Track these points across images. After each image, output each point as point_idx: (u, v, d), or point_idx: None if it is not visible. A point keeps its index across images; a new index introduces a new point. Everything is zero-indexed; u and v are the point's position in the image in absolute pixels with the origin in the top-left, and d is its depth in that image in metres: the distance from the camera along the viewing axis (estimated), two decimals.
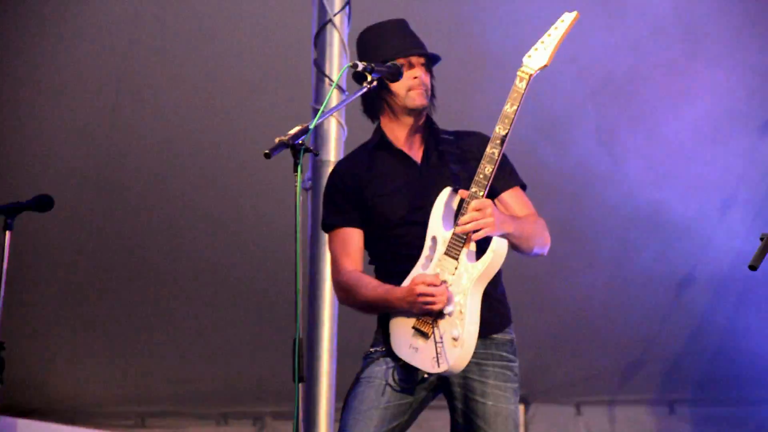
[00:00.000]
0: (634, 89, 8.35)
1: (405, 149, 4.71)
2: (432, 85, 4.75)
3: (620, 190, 8.50)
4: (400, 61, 4.62)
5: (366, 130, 4.96)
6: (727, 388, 9.05)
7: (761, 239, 4.01)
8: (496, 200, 4.59)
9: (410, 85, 4.65)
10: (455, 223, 4.40)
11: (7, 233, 5.72)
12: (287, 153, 4.21)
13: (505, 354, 4.58)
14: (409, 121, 4.72)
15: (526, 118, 4.55)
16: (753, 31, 8.16)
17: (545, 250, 4.64)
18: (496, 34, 7.91)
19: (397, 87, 4.65)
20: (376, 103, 4.75)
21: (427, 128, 4.75)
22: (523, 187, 4.75)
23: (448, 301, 4.37)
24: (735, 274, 8.58)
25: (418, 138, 4.74)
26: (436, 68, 4.79)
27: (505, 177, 4.66)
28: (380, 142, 4.74)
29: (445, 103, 4.86)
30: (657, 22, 8.15)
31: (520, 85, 4.40)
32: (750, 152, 8.39)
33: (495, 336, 4.57)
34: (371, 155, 4.75)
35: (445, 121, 4.83)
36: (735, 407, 9.05)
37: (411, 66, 4.66)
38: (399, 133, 4.73)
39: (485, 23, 8.03)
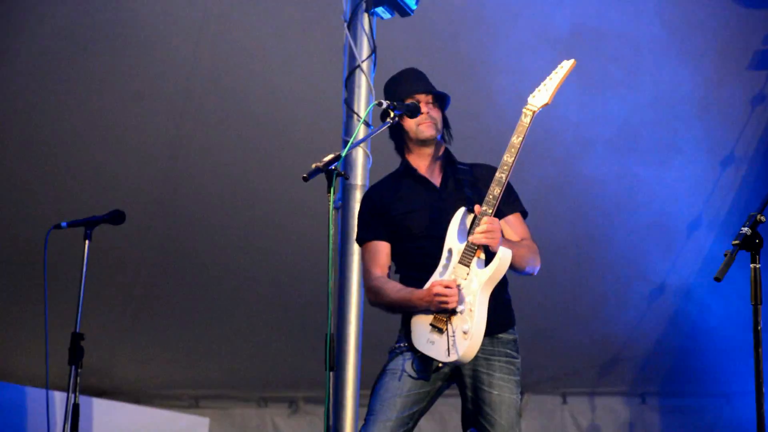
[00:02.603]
0: (640, 144, 8.38)
1: (426, 176, 4.73)
2: (445, 119, 4.79)
3: (608, 215, 8.49)
4: (411, 100, 4.65)
5: (387, 159, 4.96)
6: (691, 382, 9.03)
7: (725, 255, 3.95)
8: (502, 221, 4.57)
9: (419, 120, 4.68)
10: (468, 237, 4.40)
11: (86, 242, 5.73)
12: (321, 179, 4.20)
13: (509, 351, 4.57)
14: (426, 151, 4.75)
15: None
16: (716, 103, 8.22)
17: (536, 271, 4.63)
18: (501, 76, 7.91)
19: (410, 123, 4.69)
20: (400, 140, 4.77)
21: (445, 159, 4.76)
22: (524, 214, 4.76)
23: (460, 300, 4.37)
24: (700, 282, 8.54)
25: (437, 167, 4.76)
26: (452, 108, 4.80)
27: (511, 203, 4.68)
28: (405, 170, 4.76)
29: (459, 136, 4.84)
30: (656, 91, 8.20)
31: (525, 120, 4.42)
32: (712, 186, 8.38)
33: (501, 335, 4.56)
34: (397, 181, 4.77)
35: (458, 150, 4.80)
36: (697, 398, 9.02)
37: (420, 104, 4.67)
38: (420, 162, 4.75)
39: (491, 66, 8.02)
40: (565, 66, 4.49)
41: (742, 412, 8.54)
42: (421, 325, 4.47)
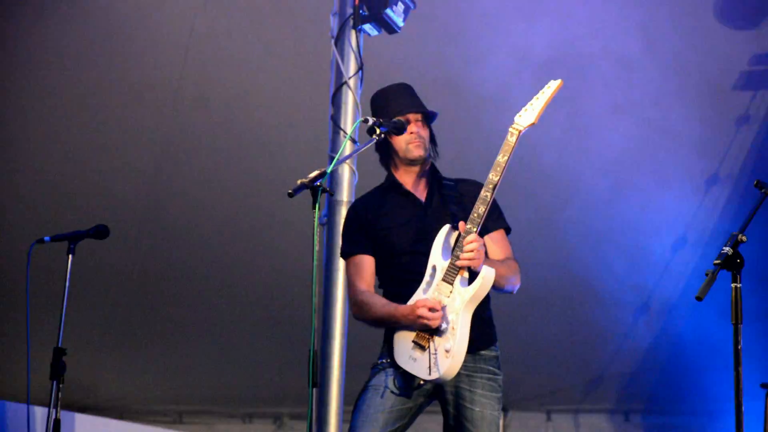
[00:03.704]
0: (627, 164, 8.40)
1: (412, 191, 4.71)
2: (432, 136, 4.77)
3: (590, 229, 8.51)
4: (401, 119, 4.63)
5: (373, 175, 4.95)
6: (674, 400, 9.04)
7: (706, 275, 3.96)
8: (484, 238, 4.56)
9: (408, 140, 4.66)
10: (452, 254, 4.39)
11: (69, 257, 5.71)
12: (306, 195, 4.20)
13: (491, 368, 4.55)
14: (413, 169, 4.73)
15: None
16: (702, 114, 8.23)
17: (515, 289, 4.60)
18: (486, 93, 7.93)
19: (399, 142, 4.67)
20: (386, 155, 4.75)
21: (431, 174, 4.75)
22: (508, 230, 4.73)
23: (444, 318, 4.35)
24: (683, 302, 8.56)
25: (423, 182, 4.74)
26: (438, 122, 4.79)
27: (495, 219, 4.65)
28: (391, 184, 4.74)
29: (443, 152, 4.84)
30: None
31: (511, 139, 4.39)
32: (697, 205, 8.41)
33: (483, 352, 4.53)
34: (383, 195, 4.75)
35: (443, 166, 4.81)
36: (680, 416, 9.04)
37: (409, 123, 4.66)
38: (407, 178, 4.73)
39: (477, 82, 8.05)
40: (552, 86, 4.45)
41: (724, 430, 8.55)
42: (403, 341, 4.45)
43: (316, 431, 5.97)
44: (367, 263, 4.64)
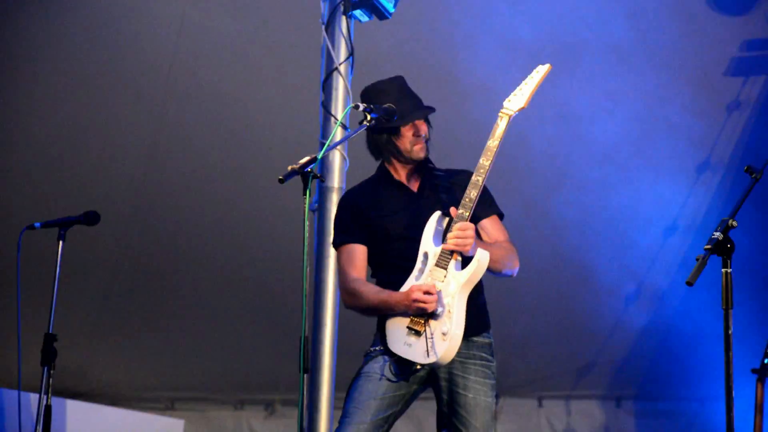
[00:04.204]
0: (618, 151, 8.39)
1: (404, 182, 4.73)
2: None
3: (581, 216, 8.50)
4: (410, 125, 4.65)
5: (363, 162, 4.96)
6: (665, 387, 9.04)
7: (697, 260, 3.96)
8: (478, 225, 4.58)
9: (415, 142, 4.68)
10: (443, 240, 4.41)
11: (60, 243, 5.71)
12: (297, 181, 4.18)
13: (484, 355, 4.56)
14: (410, 166, 4.75)
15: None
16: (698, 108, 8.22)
17: (514, 272, 4.62)
18: (475, 77, 7.91)
19: (404, 143, 4.67)
20: (382, 148, 4.73)
21: (422, 165, 4.76)
22: (501, 216, 4.75)
23: (439, 302, 4.35)
24: (674, 288, 8.57)
25: (415, 174, 4.76)
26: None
27: (486, 207, 4.66)
28: (383, 176, 4.76)
29: (433, 138, 4.83)
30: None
31: (501, 123, 4.42)
32: (688, 192, 8.42)
33: (476, 339, 4.55)
34: (375, 186, 4.77)
35: (431, 153, 4.80)
36: (671, 402, 9.05)
37: (414, 125, 4.67)
38: (401, 170, 4.76)
39: (465, 68, 8.03)
40: (541, 71, 4.49)
41: (715, 416, 8.58)
42: (397, 328, 4.46)
43: (308, 417, 5.96)
44: (359, 252, 4.65)
